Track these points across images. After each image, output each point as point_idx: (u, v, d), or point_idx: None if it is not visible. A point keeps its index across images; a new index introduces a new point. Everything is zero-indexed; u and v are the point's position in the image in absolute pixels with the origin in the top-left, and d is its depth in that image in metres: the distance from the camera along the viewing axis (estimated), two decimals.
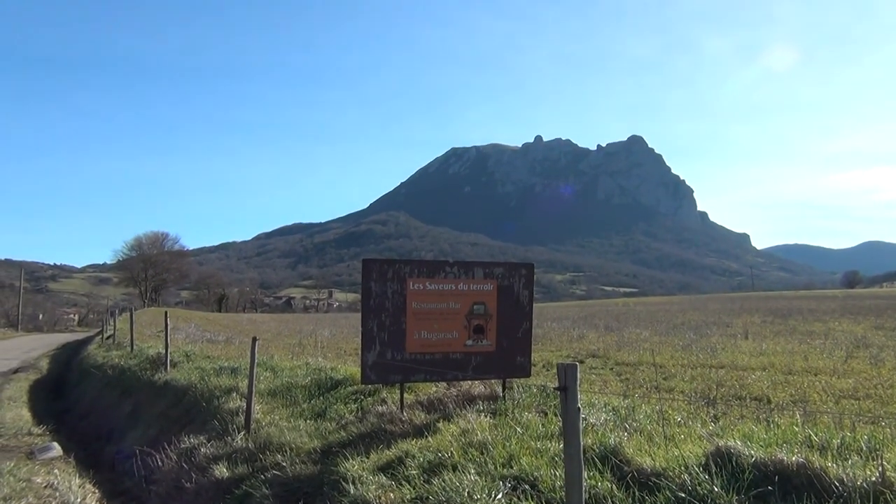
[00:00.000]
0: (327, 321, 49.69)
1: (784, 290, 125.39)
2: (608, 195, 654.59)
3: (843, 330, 23.79)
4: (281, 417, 8.92)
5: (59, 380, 23.82)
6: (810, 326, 26.11)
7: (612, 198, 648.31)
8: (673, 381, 11.50)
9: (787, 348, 17.32)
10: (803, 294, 76.92)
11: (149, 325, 33.27)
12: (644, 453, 5.14)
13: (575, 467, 3.21)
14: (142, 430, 11.96)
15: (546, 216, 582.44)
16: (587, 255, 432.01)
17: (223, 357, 16.02)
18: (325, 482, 6.08)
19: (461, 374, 7.89)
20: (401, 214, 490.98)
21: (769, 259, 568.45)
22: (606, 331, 26.48)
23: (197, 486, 7.53)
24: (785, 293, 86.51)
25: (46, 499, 8.08)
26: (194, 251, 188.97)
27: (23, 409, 15.30)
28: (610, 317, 38.59)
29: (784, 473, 4.37)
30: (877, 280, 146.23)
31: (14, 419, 13.78)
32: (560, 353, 17.66)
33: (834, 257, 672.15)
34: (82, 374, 21.83)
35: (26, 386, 19.75)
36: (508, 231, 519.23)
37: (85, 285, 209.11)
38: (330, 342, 21.65)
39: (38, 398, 18.08)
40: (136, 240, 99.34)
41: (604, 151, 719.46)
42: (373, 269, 7.60)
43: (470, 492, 4.89)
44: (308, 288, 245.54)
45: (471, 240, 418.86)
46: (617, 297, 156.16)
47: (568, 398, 3.20)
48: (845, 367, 13.30)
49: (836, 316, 32.18)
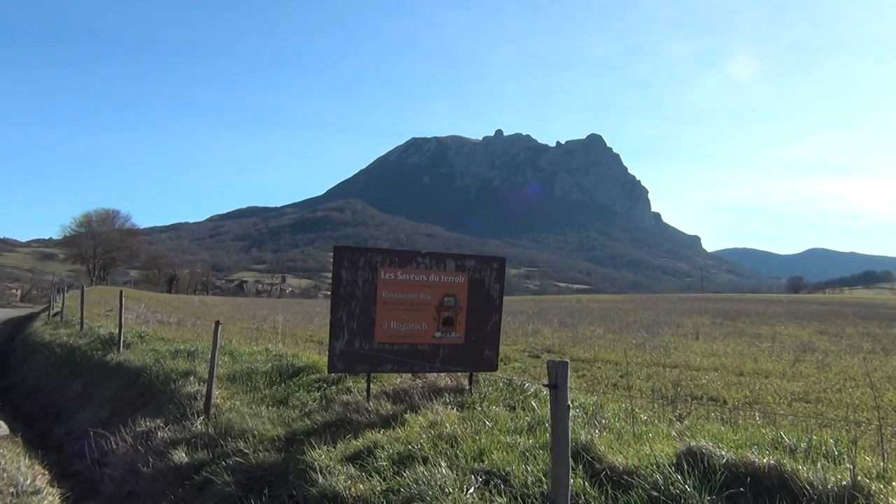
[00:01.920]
0: (281, 306, 49.18)
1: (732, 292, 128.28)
2: (566, 192, 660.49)
3: (789, 334, 24.45)
4: (242, 403, 8.76)
5: (2, 356, 23.11)
6: (758, 329, 26.76)
7: (569, 195, 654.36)
8: (629, 378, 11.64)
9: (737, 350, 17.72)
10: (750, 297, 78.85)
11: (97, 303, 32.45)
12: (615, 451, 5.16)
13: (563, 465, 3.20)
14: (93, 411, 11.64)
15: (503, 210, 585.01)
16: (542, 251, 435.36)
17: (178, 339, 15.68)
18: (290, 471, 5.98)
19: (429, 366, 7.85)
20: (358, 202, 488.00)
21: (718, 262, 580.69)
22: (561, 326, 26.72)
23: (154, 471, 7.35)
24: (733, 295, 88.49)
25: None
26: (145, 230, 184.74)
27: None
28: (564, 313, 38.96)
29: (755, 475, 4.43)
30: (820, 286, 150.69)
31: None
32: (516, 346, 17.76)
33: (780, 262, 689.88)
34: (27, 351, 21.19)
35: None
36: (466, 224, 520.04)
37: (29, 260, 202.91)
38: (285, 328, 21.39)
39: None
40: (86, 216, 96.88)
41: (563, 149, 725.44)
42: (344, 257, 7.50)
43: (441, 485, 4.85)
44: (261, 272, 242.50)
45: (427, 231, 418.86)
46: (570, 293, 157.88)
47: (558, 396, 3.18)
48: (794, 370, 13.65)
49: (782, 320, 33.06)
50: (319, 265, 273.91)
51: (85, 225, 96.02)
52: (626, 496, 4.46)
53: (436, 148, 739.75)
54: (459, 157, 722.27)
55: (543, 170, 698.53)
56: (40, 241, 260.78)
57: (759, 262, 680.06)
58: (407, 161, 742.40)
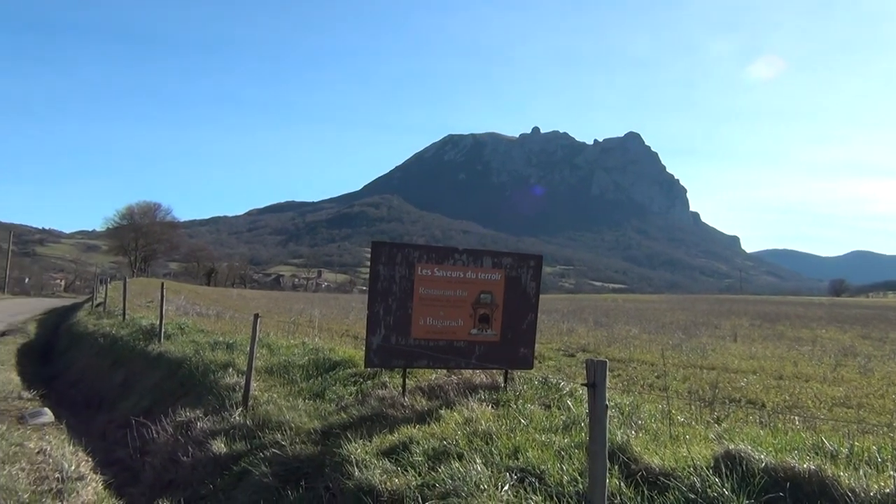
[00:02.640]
0: (317, 301, 49.59)
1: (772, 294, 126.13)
2: (602, 190, 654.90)
3: (831, 337, 23.95)
4: (279, 396, 8.89)
5: (47, 345, 23.69)
6: (798, 332, 26.26)
7: (606, 193, 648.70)
8: (666, 379, 11.51)
9: (777, 353, 17.41)
10: (791, 299, 77.42)
11: (138, 294, 33.08)
12: (652, 452, 5.13)
13: (600, 464, 3.19)
14: (134, 400, 11.90)
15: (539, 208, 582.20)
16: (578, 249, 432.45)
17: (217, 332, 15.94)
18: (326, 464, 6.06)
19: (465, 363, 7.87)
20: (394, 198, 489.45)
21: (758, 263, 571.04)
22: (596, 326, 26.53)
23: (193, 461, 7.49)
24: (772, 297, 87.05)
25: (39, 465, 8.00)
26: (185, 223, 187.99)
27: (11, 373, 15.19)
28: (599, 312, 38.68)
29: (795, 480, 4.37)
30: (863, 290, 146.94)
31: (3, 383, 13.68)
32: (550, 345, 17.67)
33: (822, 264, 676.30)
34: (72, 340, 21.72)
35: (14, 350, 19.62)
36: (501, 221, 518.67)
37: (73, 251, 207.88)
38: (321, 322, 21.58)
39: (26, 362, 17.96)
40: (128, 209, 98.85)
41: (600, 147, 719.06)
42: (382, 252, 7.55)
43: (477, 482, 4.87)
44: (298, 266, 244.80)
45: (463, 227, 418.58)
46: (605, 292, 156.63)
47: (596, 395, 3.18)
48: (835, 374, 13.37)
49: (823, 323, 32.39)
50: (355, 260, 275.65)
51: (127, 217, 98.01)
52: (662, 498, 4.43)
53: (472, 145, 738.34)
54: (496, 154, 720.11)
55: (580, 168, 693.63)
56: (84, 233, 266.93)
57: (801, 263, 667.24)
58: (443, 158, 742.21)
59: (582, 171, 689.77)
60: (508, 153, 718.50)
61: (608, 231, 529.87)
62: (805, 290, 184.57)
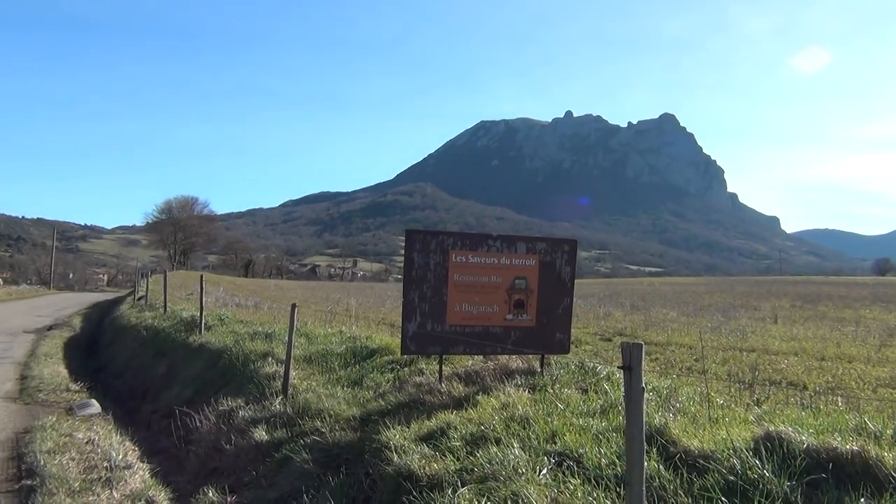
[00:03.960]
0: (353, 290, 49.97)
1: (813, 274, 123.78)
2: (637, 173, 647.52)
3: (875, 318, 23.46)
4: (318, 384, 9.01)
5: (92, 338, 24.28)
6: (840, 313, 25.79)
7: (641, 176, 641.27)
8: (704, 362, 11.40)
9: (819, 334, 17.12)
10: (833, 280, 75.91)
11: (178, 287, 33.69)
12: (690, 435, 5.10)
13: (637, 448, 3.19)
14: (177, 390, 12.14)
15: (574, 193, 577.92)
16: (613, 234, 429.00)
17: (255, 322, 16.17)
18: (365, 450, 6.13)
19: (501, 348, 7.90)
20: (427, 186, 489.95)
21: (798, 243, 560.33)
22: (633, 310, 26.35)
23: (236, 448, 7.64)
24: (814, 278, 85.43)
25: (88, 454, 8.23)
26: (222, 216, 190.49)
27: (59, 366, 15.59)
28: (636, 296, 38.39)
29: (837, 461, 4.32)
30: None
31: (52, 375, 14.05)
32: (587, 330, 17.60)
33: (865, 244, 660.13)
34: (115, 333, 22.21)
35: (60, 343, 20.11)
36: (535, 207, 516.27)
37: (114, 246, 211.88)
38: (358, 311, 21.76)
39: (72, 356, 18.40)
40: (167, 203, 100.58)
41: (635, 129, 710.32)
42: (416, 240, 7.59)
43: (515, 466, 4.89)
44: (333, 256, 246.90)
45: (497, 214, 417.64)
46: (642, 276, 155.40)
47: (633, 378, 3.17)
48: (879, 355, 13.11)
49: (867, 303, 31.74)
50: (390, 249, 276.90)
51: (166, 212, 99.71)
52: (701, 480, 4.41)
53: (504, 131, 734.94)
54: (528, 139, 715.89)
55: (615, 151, 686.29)
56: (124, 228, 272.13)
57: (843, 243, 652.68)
58: (476, 144, 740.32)
59: (616, 154, 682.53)
60: (541, 138, 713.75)
61: (644, 214, 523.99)
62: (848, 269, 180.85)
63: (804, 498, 4.03)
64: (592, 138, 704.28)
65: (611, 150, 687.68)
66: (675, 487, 4.40)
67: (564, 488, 4.52)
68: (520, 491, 4.43)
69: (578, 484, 4.57)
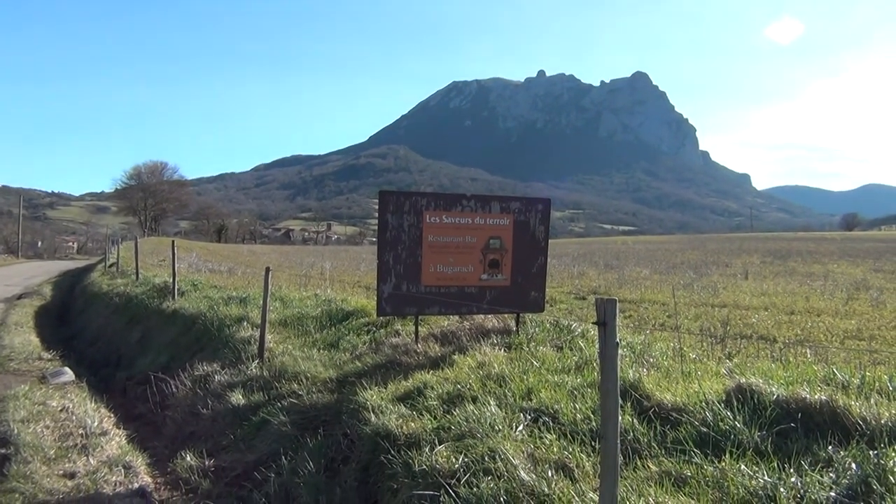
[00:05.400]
0: (328, 253, 49.78)
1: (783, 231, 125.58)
2: (610, 132, 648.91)
3: (843, 272, 23.89)
4: (294, 347, 9.00)
5: (63, 306, 23.98)
6: (809, 268, 26.23)
7: (613, 135, 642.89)
8: (677, 318, 11.55)
9: (788, 289, 17.41)
10: (802, 236, 77.00)
11: (150, 254, 33.29)
12: (663, 389, 5.19)
13: (611, 402, 3.22)
14: (152, 357, 12.07)
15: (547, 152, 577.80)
16: (587, 193, 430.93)
17: (230, 287, 16.07)
18: (343, 411, 6.16)
19: (476, 308, 7.92)
20: (401, 148, 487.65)
21: (769, 200, 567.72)
22: (606, 268, 26.57)
23: (213, 413, 7.63)
24: (784, 234, 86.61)
25: (63, 422, 8.16)
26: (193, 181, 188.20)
27: (30, 335, 15.39)
28: (609, 255, 38.68)
29: (806, 411, 4.42)
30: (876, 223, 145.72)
31: (23, 344, 13.86)
32: (561, 289, 17.73)
33: (833, 199, 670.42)
34: (87, 301, 21.96)
35: (31, 312, 19.84)
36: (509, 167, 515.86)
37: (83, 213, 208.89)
38: (333, 274, 21.70)
39: (43, 324, 18.18)
40: (136, 169, 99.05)
41: (607, 88, 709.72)
42: (389, 202, 7.54)
43: (491, 423, 4.94)
44: (307, 220, 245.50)
45: (471, 174, 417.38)
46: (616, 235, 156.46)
47: (607, 334, 3.19)
48: (847, 308, 13.37)
49: (835, 258, 32.29)
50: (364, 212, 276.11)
51: (135, 178, 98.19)
52: (674, 432, 4.50)
53: (477, 91, 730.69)
54: (501, 99, 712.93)
55: (587, 110, 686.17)
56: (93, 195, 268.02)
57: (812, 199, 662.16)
58: (448, 105, 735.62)
59: (589, 113, 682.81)
60: (514, 98, 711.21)
61: (617, 173, 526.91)
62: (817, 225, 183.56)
63: (774, 447, 4.13)
64: (565, 97, 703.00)
65: (583, 110, 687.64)
66: (649, 440, 4.49)
67: (540, 443, 4.58)
68: (496, 447, 4.48)
69: (554, 439, 4.63)
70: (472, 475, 4.30)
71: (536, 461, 4.33)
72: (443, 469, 4.47)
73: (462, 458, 4.51)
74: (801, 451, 4.03)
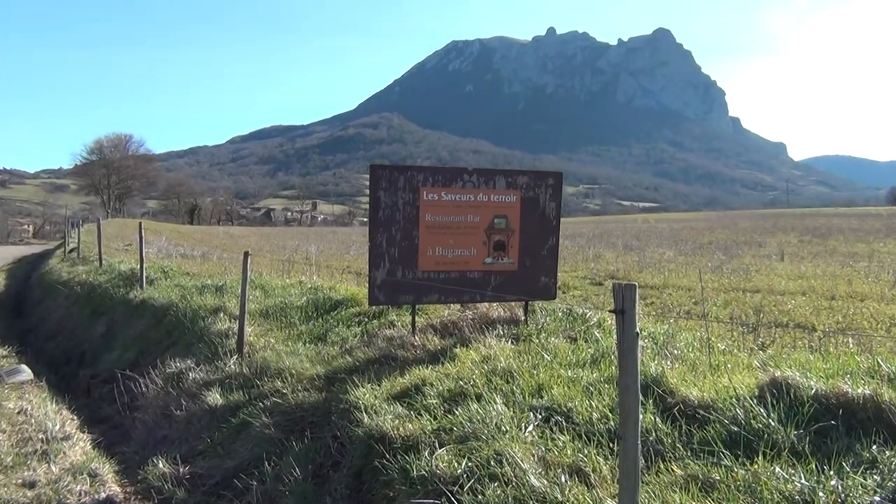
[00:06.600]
0: (313, 235, 49.83)
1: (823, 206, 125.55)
2: (629, 97, 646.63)
3: (889, 252, 23.94)
4: (276, 340, 9.03)
5: (18, 297, 24.06)
6: (852, 247, 26.28)
7: (633, 100, 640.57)
8: (704, 305, 11.58)
9: (828, 271, 17.45)
10: (844, 211, 77.03)
11: (115, 237, 33.32)
12: (689, 384, 5.20)
13: (631, 399, 3.24)
14: (118, 352, 12.11)
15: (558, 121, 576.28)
16: (603, 166, 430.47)
17: (204, 274, 16.09)
18: (332, 411, 6.19)
19: (480, 296, 7.92)
20: (394, 117, 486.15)
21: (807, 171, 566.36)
22: (625, 250, 26.65)
23: (188, 414, 7.67)
24: (824, 210, 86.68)
25: (21, 426, 8.21)
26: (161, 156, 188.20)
27: None
28: (629, 234, 38.76)
29: (848, 406, 4.44)
30: None
31: None
32: (575, 273, 17.79)
33: (879, 170, 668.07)
34: (45, 290, 21.99)
35: None
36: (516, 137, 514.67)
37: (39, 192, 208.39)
38: (319, 259, 21.73)
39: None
40: (97, 142, 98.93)
41: (625, 47, 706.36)
42: (382, 177, 7.52)
43: (498, 423, 4.96)
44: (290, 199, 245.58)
45: (473, 146, 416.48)
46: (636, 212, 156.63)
47: (626, 322, 3.20)
48: (894, 292, 13.41)
49: (881, 236, 32.33)
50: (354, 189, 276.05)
51: (96, 152, 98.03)
52: (701, 432, 4.52)
53: (479, 52, 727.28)
54: (506, 61, 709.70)
55: (603, 72, 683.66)
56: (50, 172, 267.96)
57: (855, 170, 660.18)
58: (447, 68, 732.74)
59: (605, 75, 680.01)
60: (521, 59, 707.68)
61: (636, 143, 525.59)
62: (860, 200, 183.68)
63: (812, 447, 4.14)
64: (578, 58, 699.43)
65: (599, 72, 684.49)
66: (674, 441, 4.51)
67: (553, 445, 4.60)
68: (503, 450, 4.50)
69: (568, 440, 4.66)
70: (477, 481, 4.32)
71: (548, 465, 4.35)
72: (444, 475, 4.50)
73: (465, 463, 4.53)
74: (841, 452, 4.05)
